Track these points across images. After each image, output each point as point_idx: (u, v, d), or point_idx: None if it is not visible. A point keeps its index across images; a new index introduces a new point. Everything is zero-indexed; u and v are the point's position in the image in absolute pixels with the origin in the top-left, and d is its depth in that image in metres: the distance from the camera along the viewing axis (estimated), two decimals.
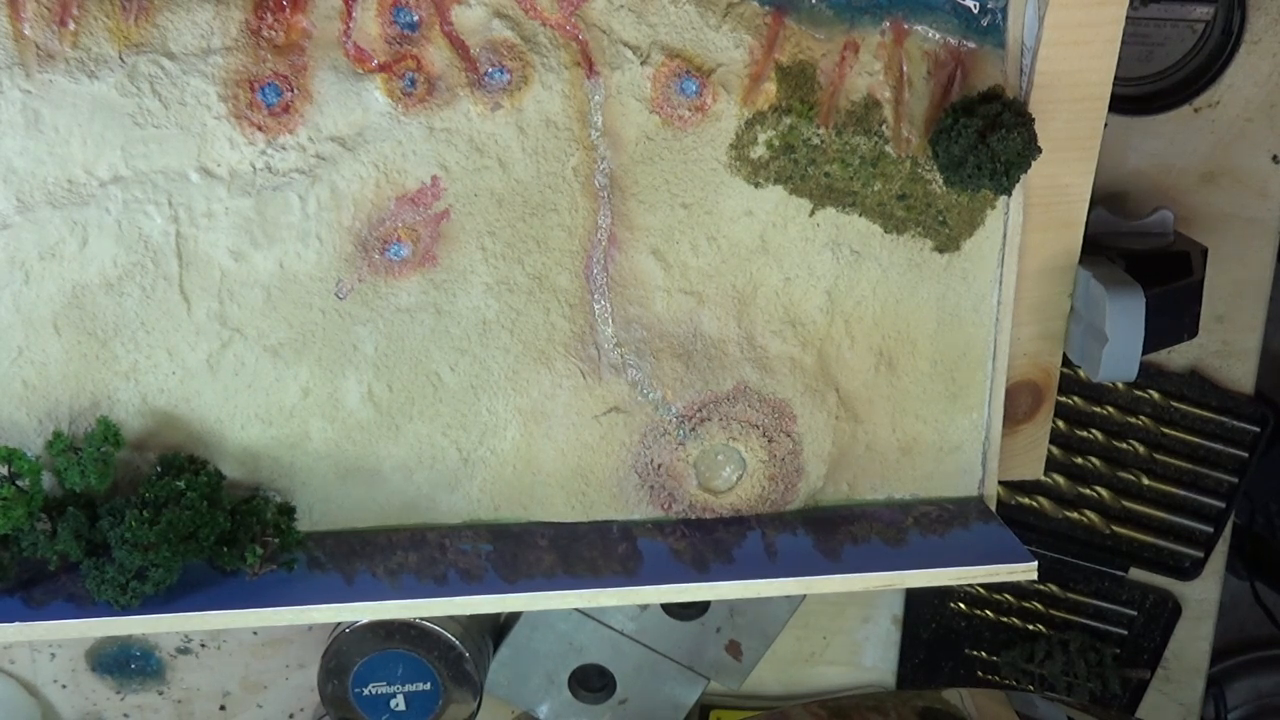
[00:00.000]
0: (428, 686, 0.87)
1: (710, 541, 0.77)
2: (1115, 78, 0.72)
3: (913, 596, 0.99)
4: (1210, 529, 0.96)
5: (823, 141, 0.72)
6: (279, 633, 0.95)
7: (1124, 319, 0.74)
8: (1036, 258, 0.77)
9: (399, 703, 0.88)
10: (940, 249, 0.76)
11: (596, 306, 0.74)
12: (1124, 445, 0.94)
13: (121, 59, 0.66)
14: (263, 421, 0.73)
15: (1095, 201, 0.78)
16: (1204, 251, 0.83)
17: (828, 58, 0.71)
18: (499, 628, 0.93)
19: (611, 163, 0.72)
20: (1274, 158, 0.88)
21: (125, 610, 0.69)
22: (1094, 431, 0.94)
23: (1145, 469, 0.95)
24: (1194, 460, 0.95)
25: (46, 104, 0.66)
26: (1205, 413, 0.94)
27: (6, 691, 0.94)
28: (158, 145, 0.68)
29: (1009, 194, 0.73)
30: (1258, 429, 0.94)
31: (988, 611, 0.99)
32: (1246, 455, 0.94)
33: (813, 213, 0.74)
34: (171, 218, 0.69)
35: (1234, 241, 0.89)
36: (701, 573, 0.75)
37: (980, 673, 1.01)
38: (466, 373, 0.74)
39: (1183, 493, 0.95)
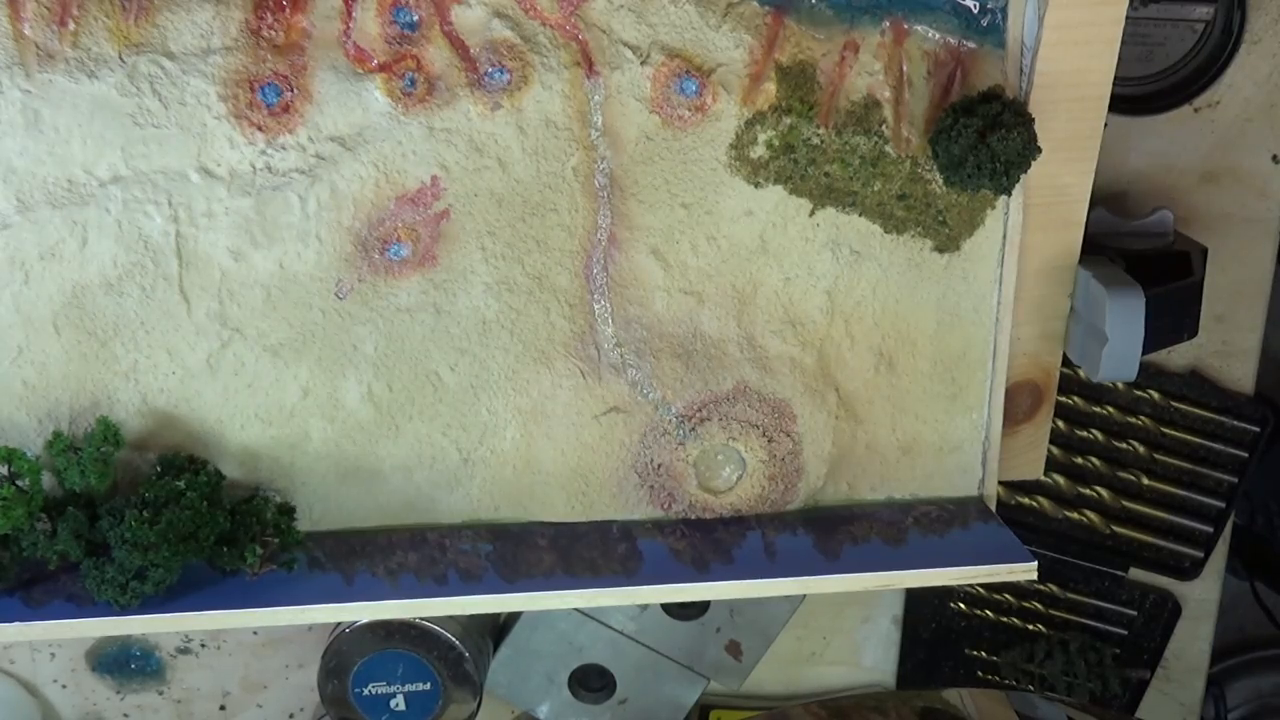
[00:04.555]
0: (428, 686, 0.87)
1: (710, 541, 0.77)
2: (1115, 78, 0.72)
3: (913, 596, 0.99)
4: (1210, 529, 0.96)
5: (823, 141, 0.72)
6: (279, 633, 0.95)
7: (1124, 319, 0.74)
8: (1036, 258, 0.77)
9: (399, 703, 0.88)
10: (940, 249, 0.76)
11: (596, 306, 0.74)
12: (1124, 445, 0.94)
13: (121, 59, 0.66)
14: (263, 421, 0.73)
15: (1095, 201, 0.78)
16: (1204, 251, 0.83)
17: (828, 58, 0.71)
18: (499, 628, 0.93)
19: (611, 163, 0.72)
20: (1274, 158, 0.88)
21: (125, 610, 0.69)
22: (1094, 431, 0.94)
23: (1145, 469, 0.95)
24: (1194, 460, 0.95)
25: (46, 104, 0.66)
26: (1205, 413, 0.94)
27: (6, 691, 0.94)
28: (158, 145, 0.68)
29: (1009, 194, 0.73)
30: (1258, 429, 0.94)
31: (988, 611, 0.99)
32: (1246, 455, 0.94)
33: (813, 213, 0.74)
34: (171, 218, 0.69)
35: (1234, 241, 0.89)
36: (701, 573, 0.75)
37: (980, 673, 1.01)
38: (466, 373, 0.74)
39: (1183, 493, 0.95)
